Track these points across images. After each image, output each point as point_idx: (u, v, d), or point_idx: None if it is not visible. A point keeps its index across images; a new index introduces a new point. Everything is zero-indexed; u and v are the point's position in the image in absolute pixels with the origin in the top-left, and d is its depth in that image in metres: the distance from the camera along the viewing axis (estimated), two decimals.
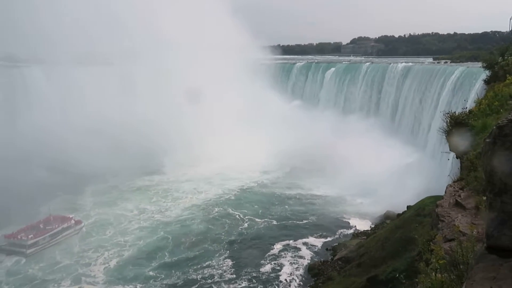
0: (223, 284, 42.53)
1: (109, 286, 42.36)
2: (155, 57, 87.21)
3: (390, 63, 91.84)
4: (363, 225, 55.75)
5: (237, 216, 59.53)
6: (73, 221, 54.24)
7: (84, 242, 51.47)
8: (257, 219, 58.58)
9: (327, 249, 49.83)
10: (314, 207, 63.31)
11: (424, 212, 38.50)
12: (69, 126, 75.19)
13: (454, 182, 16.61)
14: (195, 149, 78.54)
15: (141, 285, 42.17)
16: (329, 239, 52.66)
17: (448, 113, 23.28)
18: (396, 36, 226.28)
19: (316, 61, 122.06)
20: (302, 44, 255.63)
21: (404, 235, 36.78)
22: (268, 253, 48.89)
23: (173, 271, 44.76)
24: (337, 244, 50.50)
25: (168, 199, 66.00)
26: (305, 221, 58.13)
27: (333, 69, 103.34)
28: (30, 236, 49.47)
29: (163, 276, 43.85)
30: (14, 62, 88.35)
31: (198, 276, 43.81)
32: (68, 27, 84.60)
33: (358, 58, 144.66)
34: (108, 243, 51.21)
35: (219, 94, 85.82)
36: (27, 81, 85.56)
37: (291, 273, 44.62)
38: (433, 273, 8.31)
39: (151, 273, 44.45)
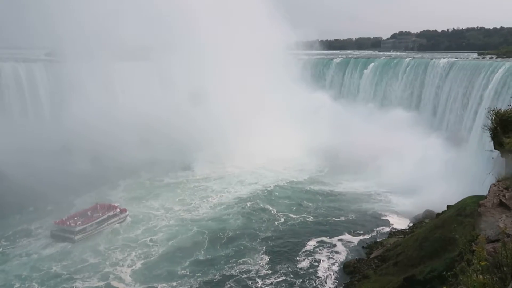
0: (258, 279, 42.68)
1: (144, 281, 42.43)
2: (191, 53, 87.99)
3: (432, 59, 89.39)
4: (401, 224, 54.70)
5: (273, 212, 59.55)
6: (118, 210, 56.34)
7: (115, 237, 51.90)
8: (292, 215, 58.46)
9: (363, 247, 49.21)
10: (350, 204, 62.57)
11: (465, 212, 37.39)
12: (108, 119, 77.01)
13: (498, 181, 16.04)
14: (230, 144, 79.00)
15: (177, 281, 42.24)
16: (365, 236, 51.96)
17: (493, 110, 22.39)
18: (439, 30, 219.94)
19: (355, 56, 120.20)
20: (341, 39, 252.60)
21: (444, 235, 35.83)
22: (303, 250, 48.76)
23: (208, 267, 44.84)
24: (373, 242, 49.81)
25: (203, 195, 65.89)
26: (341, 218, 57.59)
27: (372, 64, 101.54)
28: (78, 223, 51.80)
29: (198, 272, 43.83)
30: (57, 58, 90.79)
31: (233, 272, 43.94)
32: (106, 22, 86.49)
33: (399, 54, 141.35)
34: (138, 240, 50.75)
35: (256, 90, 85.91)
36: (69, 76, 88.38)
37: (326, 270, 44.37)
38: (475, 275, 8.06)
39: (186, 269, 44.41)
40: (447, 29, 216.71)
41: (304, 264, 45.66)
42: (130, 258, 46.79)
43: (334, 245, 49.80)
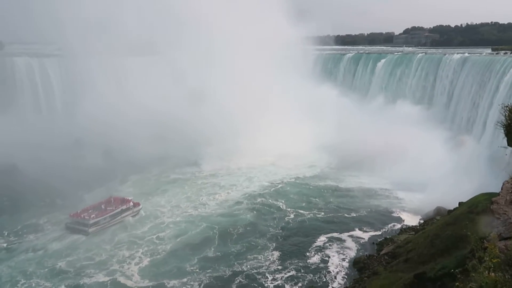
0: (269, 275, 42.71)
1: (153, 278, 42.18)
2: (200, 48, 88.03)
3: (445, 54, 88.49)
4: (412, 221, 54.36)
5: (282, 208, 59.53)
6: (131, 203, 56.80)
7: (123, 233, 51.64)
8: (302, 211, 58.38)
9: (373, 243, 49.03)
10: (360, 200, 62.33)
11: (477, 209, 37.09)
12: (119, 115, 77.43)
13: (511, 178, 15.83)
14: (239, 140, 78.97)
15: (187, 277, 42.10)
16: (375, 233, 51.75)
17: (507, 106, 22.04)
18: (452, 25, 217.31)
19: (367, 51, 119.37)
20: (353, 34, 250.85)
21: (455, 232, 35.51)
22: (313, 245, 48.73)
23: (218, 263, 44.75)
24: (383, 238, 49.62)
25: (212, 192, 65.57)
26: (351, 214, 57.41)
27: (384, 60, 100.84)
28: (92, 216, 52.44)
29: (208, 268, 43.76)
30: (68, 53, 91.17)
31: (244, 268, 43.95)
32: (115, 16, 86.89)
33: (411, 49, 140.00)
34: (145, 237, 50.44)
35: (265, 85, 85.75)
36: (80, 71, 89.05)
37: (336, 266, 44.31)
38: (486, 272, 7.97)
39: (196, 265, 44.32)
40: (461, 24, 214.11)
41: (314, 259, 45.64)
42: (138, 255, 46.39)
43: (344, 241, 49.72)
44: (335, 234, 51.38)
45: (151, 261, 45.37)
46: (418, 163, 63.53)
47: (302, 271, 43.49)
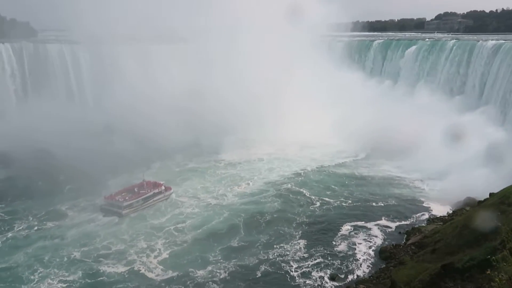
0: (292, 263, 42.86)
1: (176, 267, 41.94)
2: (227, 34, 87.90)
3: (478, 41, 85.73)
4: (440, 211, 53.48)
5: (308, 196, 59.45)
6: (163, 187, 58.16)
7: (141, 222, 51.60)
8: (328, 199, 58.22)
9: (400, 233, 48.61)
10: (387, 189, 61.71)
11: (509, 201, 36.32)
12: (148, 102, 78.47)
13: None
14: (265, 128, 79.01)
15: (211, 266, 42.01)
16: (402, 222, 51.23)
17: None
18: (487, 11, 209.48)
19: (397, 38, 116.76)
20: (382, 20, 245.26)
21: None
22: (339, 234, 48.67)
23: (243, 251, 44.90)
24: (411, 228, 49.02)
25: (236, 179, 65.45)
26: (378, 203, 56.93)
27: (414, 47, 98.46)
28: (126, 198, 54.05)
29: (234, 257, 43.76)
30: (99, 40, 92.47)
31: (269, 256, 44.00)
32: (145, 3, 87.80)
33: (443, 35, 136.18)
34: (164, 227, 50.15)
35: (291, 72, 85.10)
36: (110, 58, 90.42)
37: (361, 255, 44.15)
38: None
39: (219, 255, 44.25)
40: (496, 9, 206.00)
41: (340, 248, 45.61)
42: (157, 246, 45.77)
43: (370, 230, 49.47)
44: (361, 223, 51.14)
45: (174, 251, 45.14)
46: (447, 153, 62.24)
47: (329, 258, 43.59)
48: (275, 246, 46.03)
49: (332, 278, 40.29)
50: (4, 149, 72.31)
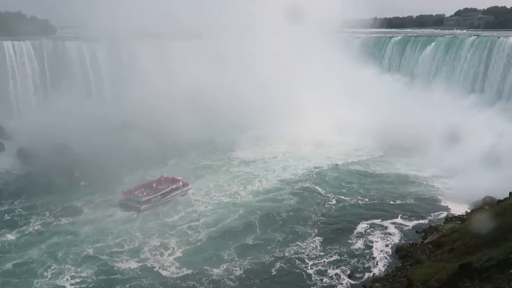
0: (308, 260, 42.80)
1: (191, 265, 41.86)
2: (242, 32, 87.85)
3: (499, 37, 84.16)
4: (458, 210, 52.84)
5: (324, 194, 59.26)
6: (181, 183, 58.64)
7: (154, 220, 51.55)
8: (343, 197, 57.95)
9: (417, 232, 48.16)
10: (404, 187, 61.14)
11: None
12: (163, 98, 78.97)
13: None
14: (282, 125, 78.88)
15: (226, 264, 41.97)
16: (419, 221, 50.71)
17: None
18: (508, 6, 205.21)
19: (415, 34, 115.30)
20: (400, 16, 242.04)
21: (505, 223, 34.37)
22: (355, 232, 48.49)
23: (258, 249, 44.85)
24: (428, 227, 48.59)
25: (249, 178, 65.21)
26: (395, 201, 56.48)
27: (433, 43, 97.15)
28: (144, 194, 54.67)
29: (249, 254, 43.79)
30: (114, 38, 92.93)
31: (285, 253, 43.98)
32: (161, 2, 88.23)
33: (463, 32, 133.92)
34: (177, 225, 50.02)
35: (307, 69, 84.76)
36: (127, 55, 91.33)
37: (377, 254, 43.86)
38: None
39: (234, 253, 44.20)
40: None
41: (356, 246, 45.41)
42: (171, 245, 45.62)
43: (387, 228, 49.15)
44: (377, 221, 50.84)
45: (188, 249, 45.12)
46: (465, 151, 61.35)
47: (345, 256, 43.46)
48: (290, 244, 45.99)
49: (348, 276, 40.12)
50: (25, 146, 74.04)
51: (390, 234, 47.90)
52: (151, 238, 47.25)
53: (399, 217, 51.82)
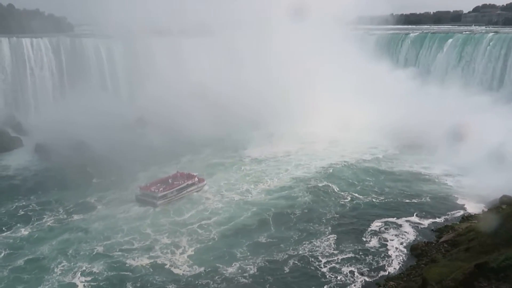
0: (322, 258, 42.72)
1: (203, 263, 41.67)
2: (256, 29, 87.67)
3: None
4: (474, 209, 52.21)
5: (338, 192, 58.99)
6: (196, 179, 59.09)
7: (164, 218, 51.41)
8: (358, 195, 57.65)
9: (432, 230, 47.71)
10: (420, 186, 60.53)
11: None
12: (178, 95, 79.34)
13: None
14: (296, 122, 78.63)
15: (239, 262, 41.91)
16: (435, 220, 50.22)
17: None
18: None
19: (432, 31, 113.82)
20: (417, 13, 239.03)
21: None
22: (369, 230, 48.22)
23: (271, 247, 44.81)
24: (443, 226, 48.10)
25: (261, 175, 64.92)
26: (410, 200, 56.02)
27: (450, 40, 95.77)
28: (160, 189, 55.13)
29: (262, 252, 43.66)
30: (129, 35, 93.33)
31: (299, 251, 43.96)
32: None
33: (481, 28, 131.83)
34: (188, 223, 50.00)
35: (322, 66, 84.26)
36: (142, 53, 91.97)
37: (392, 252, 43.58)
38: None
39: (247, 251, 44.15)
40: None
41: (370, 244, 45.21)
42: (182, 244, 45.49)
43: (401, 226, 48.80)
44: (391, 219, 50.50)
45: (200, 247, 45.07)
46: (483, 150, 60.37)
47: (359, 254, 43.30)
48: (304, 241, 45.93)
49: (362, 273, 39.95)
50: (43, 142, 75.29)
51: (405, 232, 47.56)
52: (162, 236, 47.13)
53: (414, 215, 51.45)
